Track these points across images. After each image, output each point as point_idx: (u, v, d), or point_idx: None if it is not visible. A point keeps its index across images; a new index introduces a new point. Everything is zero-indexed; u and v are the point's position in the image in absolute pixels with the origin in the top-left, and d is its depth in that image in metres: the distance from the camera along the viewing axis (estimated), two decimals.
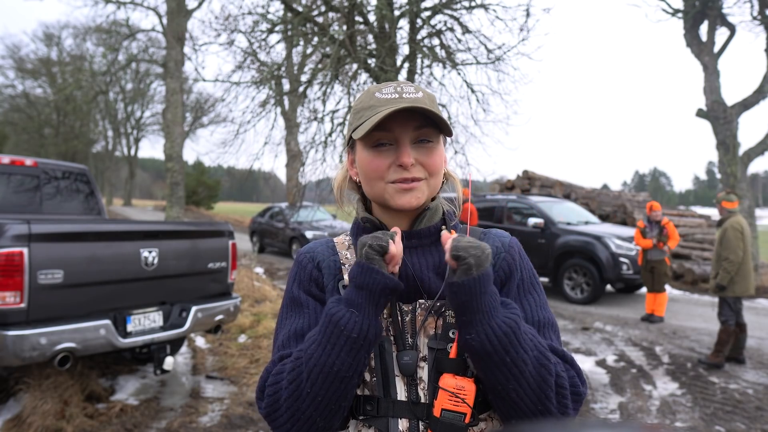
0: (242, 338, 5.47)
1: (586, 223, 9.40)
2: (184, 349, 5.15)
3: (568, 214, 9.54)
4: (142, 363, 4.68)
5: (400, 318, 0.89)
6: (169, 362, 3.79)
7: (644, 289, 9.48)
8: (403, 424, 0.84)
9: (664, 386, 4.55)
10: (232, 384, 4.35)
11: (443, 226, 0.96)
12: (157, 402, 3.95)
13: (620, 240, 8.33)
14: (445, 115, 0.98)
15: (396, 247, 0.83)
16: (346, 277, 0.95)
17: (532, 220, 8.98)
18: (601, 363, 5.18)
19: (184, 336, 4.33)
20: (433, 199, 0.98)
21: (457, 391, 0.80)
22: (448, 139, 0.99)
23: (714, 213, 16.66)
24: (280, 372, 0.85)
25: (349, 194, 1.05)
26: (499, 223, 9.60)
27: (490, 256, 0.81)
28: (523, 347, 0.78)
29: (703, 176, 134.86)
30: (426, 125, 0.89)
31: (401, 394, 0.86)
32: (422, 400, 0.85)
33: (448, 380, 0.82)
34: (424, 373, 0.86)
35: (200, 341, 5.52)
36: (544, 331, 0.89)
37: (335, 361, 0.80)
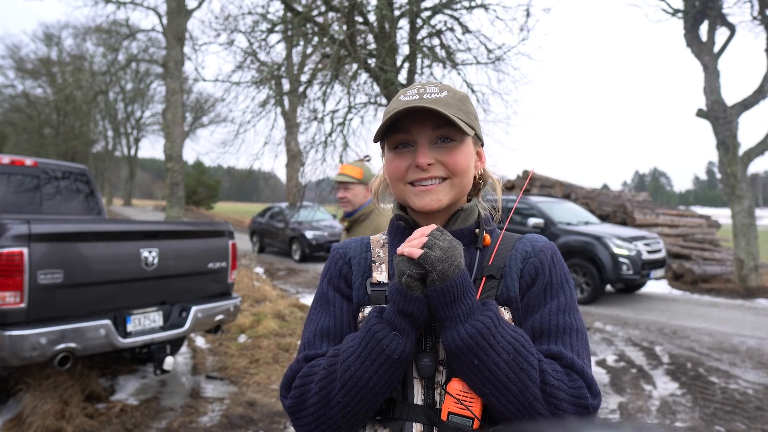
0: (242, 338, 5.47)
1: (586, 223, 9.37)
2: (184, 349, 5.15)
3: (567, 214, 9.53)
4: (142, 363, 4.68)
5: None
6: (169, 362, 3.79)
7: (644, 289, 9.50)
8: (417, 428, 0.85)
9: (664, 386, 4.55)
10: (232, 384, 4.35)
11: (476, 230, 0.95)
12: (157, 402, 3.94)
13: (620, 240, 8.33)
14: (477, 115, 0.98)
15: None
16: (374, 274, 0.96)
17: (532, 221, 8.95)
18: (601, 363, 5.18)
19: (184, 336, 4.32)
20: (469, 201, 0.98)
21: (463, 396, 0.80)
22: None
23: (714, 213, 16.66)
24: (308, 375, 0.87)
25: (386, 195, 1.08)
26: (500, 223, 9.57)
27: (459, 266, 0.81)
28: (495, 350, 0.78)
29: (703, 176, 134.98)
30: (445, 125, 0.89)
31: (418, 397, 0.86)
32: (438, 405, 0.85)
33: (455, 384, 0.82)
34: (441, 377, 0.86)
35: (200, 341, 5.51)
36: (564, 337, 0.87)
37: (372, 377, 0.81)
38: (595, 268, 8.22)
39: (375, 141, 0.94)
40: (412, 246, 0.82)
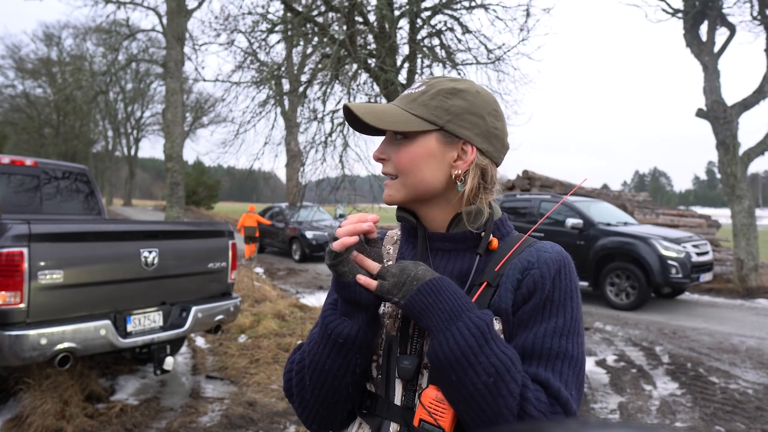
0: (242, 338, 5.47)
1: (625, 223, 8.83)
2: (184, 349, 5.15)
3: (605, 214, 8.99)
4: (142, 363, 4.68)
5: (411, 321, 0.87)
6: (169, 362, 3.79)
7: (686, 295, 9.06)
8: (393, 427, 0.84)
9: (664, 386, 4.55)
10: (232, 384, 4.35)
11: (482, 233, 0.90)
12: (157, 402, 3.94)
13: (667, 242, 7.77)
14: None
15: (342, 242, 0.82)
16: None
17: (570, 221, 8.36)
18: (601, 363, 5.18)
19: (184, 336, 4.32)
20: (472, 203, 0.92)
21: (435, 406, 0.78)
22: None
23: (714, 213, 16.66)
24: (293, 362, 0.94)
25: None
26: (533, 224, 9.00)
27: (417, 279, 0.80)
28: (475, 370, 0.74)
29: (703, 176, 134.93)
30: None
31: (398, 397, 0.86)
32: (415, 408, 0.83)
33: (429, 392, 0.79)
34: (424, 380, 0.84)
35: (200, 341, 5.51)
36: (554, 363, 0.80)
37: (326, 360, 0.85)
38: (641, 272, 7.66)
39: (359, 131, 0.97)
40: (367, 280, 0.83)
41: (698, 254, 8.02)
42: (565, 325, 0.82)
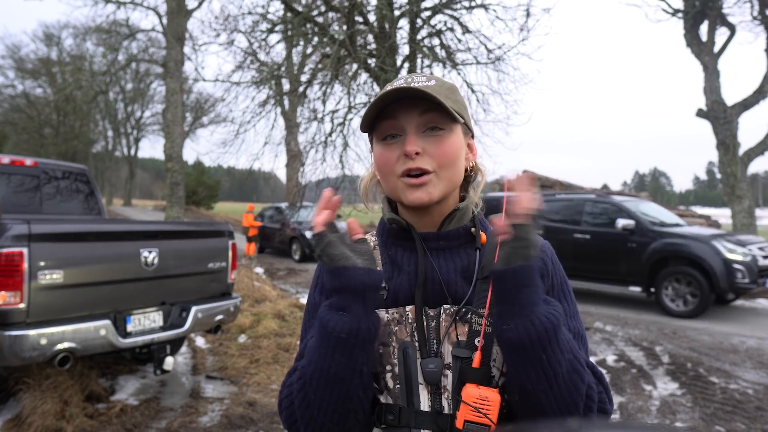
0: (242, 338, 5.47)
1: (677, 224, 8.30)
2: (184, 349, 5.15)
3: (656, 214, 8.45)
4: (142, 363, 4.68)
5: (425, 323, 0.85)
6: (169, 362, 3.79)
7: (740, 301, 8.45)
8: None
9: (664, 386, 4.55)
10: (232, 384, 4.35)
11: (472, 228, 0.91)
12: (157, 402, 3.94)
13: (731, 244, 7.23)
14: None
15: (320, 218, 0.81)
16: None
17: (621, 222, 7.78)
18: (601, 363, 5.18)
19: (184, 336, 4.32)
20: (463, 199, 0.93)
21: (480, 403, 0.77)
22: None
23: (714, 213, 16.69)
24: (291, 384, 0.85)
25: (377, 194, 1.01)
26: (576, 225, 8.36)
27: (533, 246, 0.76)
28: (560, 348, 0.75)
29: (703, 176, 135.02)
30: (432, 110, 0.84)
31: (425, 403, 0.83)
32: (446, 411, 0.82)
33: (470, 391, 0.78)
34: (448, 381, 0.83)
35: (200, 341, 5.51)
36: (576, 343, 0.85)
37: (330, 364, 0.78)
38: (703, 276, 7.04)
39: (363, 130, 0.89)
40: (527, 202, 0.77)
41: (764, 257, 7.46)
42: (569, 306, 0.88)
